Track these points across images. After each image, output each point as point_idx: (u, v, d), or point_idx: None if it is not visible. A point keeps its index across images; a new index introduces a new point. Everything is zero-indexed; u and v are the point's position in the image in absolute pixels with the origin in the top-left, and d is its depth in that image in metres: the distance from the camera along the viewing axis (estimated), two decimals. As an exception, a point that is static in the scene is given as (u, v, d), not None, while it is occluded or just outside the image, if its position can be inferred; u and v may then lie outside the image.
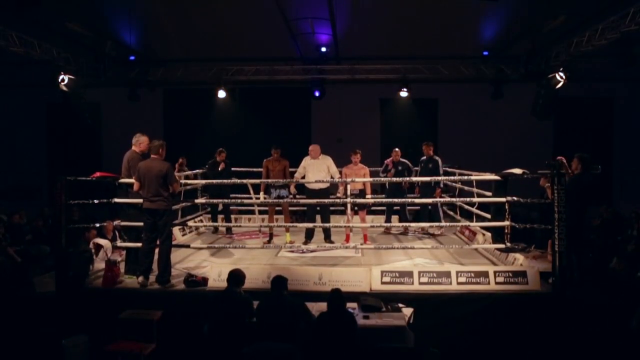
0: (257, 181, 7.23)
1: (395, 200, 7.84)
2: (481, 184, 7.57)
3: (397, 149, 8.99)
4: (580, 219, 5.82)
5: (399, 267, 6.08)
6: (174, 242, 6.50)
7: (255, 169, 9.17)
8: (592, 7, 8.10)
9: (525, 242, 6.62)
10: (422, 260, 6.84)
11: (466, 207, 8.22)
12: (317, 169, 7.72)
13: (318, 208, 7.95)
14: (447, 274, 5.67)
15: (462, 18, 9.30)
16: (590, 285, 6.09)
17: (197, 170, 9.48)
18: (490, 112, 12.66)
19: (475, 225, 7.47)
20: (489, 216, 6.93)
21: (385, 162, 9.05)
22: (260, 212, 8.83)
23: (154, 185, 5.75)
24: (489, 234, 7.18)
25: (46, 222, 9.51)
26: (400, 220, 9.13)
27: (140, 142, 6.20)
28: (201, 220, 9.48)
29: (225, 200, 7.98)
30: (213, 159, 9.04)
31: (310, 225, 7.69)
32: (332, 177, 7.79)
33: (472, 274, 5.65)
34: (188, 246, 7.18)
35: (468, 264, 6.43)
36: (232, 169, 9.13)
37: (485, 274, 5.65)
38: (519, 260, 6.18)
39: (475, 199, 7.21)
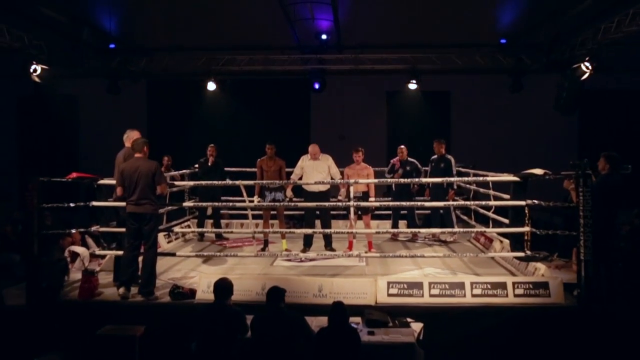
0: (251, 182, 7.24)
1: (403, 203, 7.87)
2: (498, 186, 7.58)
3: (403, 147, 9.02)
4: (608, 224, 5.77)
5: (407, 278, 6.09)
6: (158, 250, 6.54)
7: (248, 169, 9.19)
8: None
9: (547, 250, 6.63)
10: (433, 270, 6.85)
11: (482, 211, 8.23)
12: (316, 169, 7.76)
13: (317, 212, 7.97)
14: (461, 286, 5.68)
15: (478, 2, 9.32)
16: (620, 299, 6.01)
17: (185, 171, 9.50)
18: (508, 106, 12.68)
19: (491, 231, 7.48)
20: (507, 221, 6.93)
21: (392, 161, 9.07)
22: (254, 217, 8.76)
23: (141, 186, 5.79)
24: (507, 241, 7.21)
25: (16, 228, 9.49)
26: (409, 226, 9.14)
27: (131, 138, 6.21)
28: (189, 226, 9.51)
29: (215, 204, 7.99)
30: (203, 157, 9.07)
31: (309, 231, 7.72)
32: (332, 178, 7.81)
33: (489, 286, 5.67)
34: (174, 254, 7.22)
35: (484, 274, 6.45)
36: (224, 169, 9.18)
37: (502, 286, 5.66)
38: (541, 270, 6.19)
39: (492, 202, 7.22)
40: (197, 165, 9.29)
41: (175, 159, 9.91)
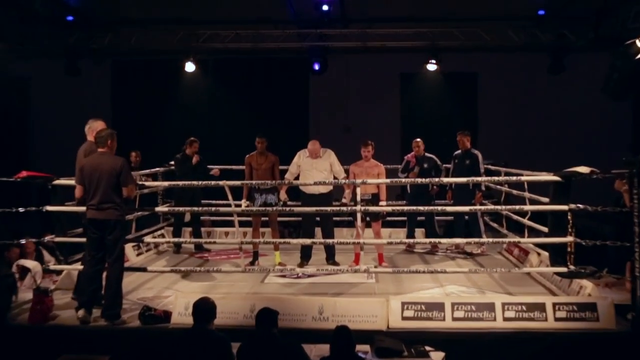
0: (237, 183, 7.20)
1: (420, 208, 7.76)
2: (535, 187, 7.55)
3: (420, 140, 8.98)
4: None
5: (425, 298, 6.06)
6: (126, 264, 6.49)
7: (234, 167, 9.16)
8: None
9: (595, 264, 6.70)
10: (457, 288, 6.83)
11: (515, 217, 8.15)
12: (316, 168, 7.78)
13: (318, 219, 7.92)
14: (490, 307, 5.66)
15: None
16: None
17: (158, 169, 9.47)
18: (547, 90, 12.70)
19: (527, 241, 7.46)
20: (545, 230, 6.83)
21: (406, 157, 9.01)
22: (241, 224, 8.57)
23: (103, 187, 5.77)
24: (545, 254, 7.13)
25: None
26: (427, 235, 9.10)
27: (94, 130, 6.18)
28: (162, 235, 9.48)
29: (195, 209, 7.96)
30: (181, 152, 9.05)
31: (307, 241, 7.69)
32: (335, 178, 7.77)
33: (524, 307, 5.64)
34: (145, 269, 7.15)
35: (518, 294, 6.41)
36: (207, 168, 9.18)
37: (541, 307, 5.63)
38: (587, 288, 6.14)
39: (528, 207, 7.19)
40: (172, 163, 9.27)
41: (146, 155, 9.89)
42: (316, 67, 11.77)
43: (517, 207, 7.30)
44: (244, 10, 10.91)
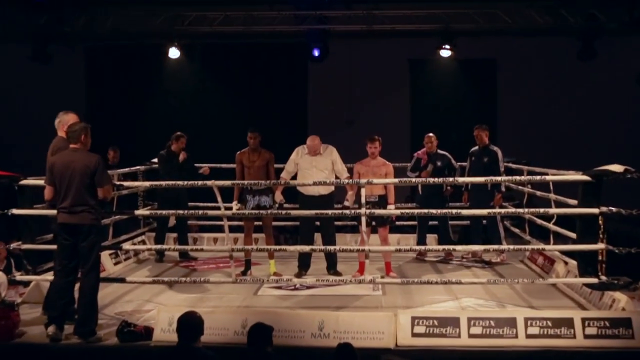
0: (227, 183, 7.17)
1: (433, 211, 7.69)
2: (562, 188, 7.56)
3: (432, 135, 8.97)
4: None
5: (438, 312, 6.09)
6: (102, 274, 6.52)
7: (224, 165, 9.19)
8: None
9: (629, 275, 6.45)
10: (474, 301, 6.84)
11: (539, 221, 8.17)
12: (316, 166, 7.79)
13: (317, 223, 7.94)
14: (512, 322, 5.64)
15: None
16: None
17: (139, 167, 9.44)
18: (576, 79, 12.67)
19: (553, 248, 7.46)
20: (574, 235, 6.85)
21: (417, 154, 9.02)
22: (232, 230, 8.78)
23: (75, 188, 5.73)
24: (573, 263, 7.08)
25: None
26: (440, 242, 9.12)
27: (65, 123, 6.15)
28: (143, 242, 9.48)
29: (180, 212, 7.94)
30: (166, 149, 9.05)
31: (305, 248, 7.68)
32: (337, 177, 7.78)
33: (549, 323, 5.62)
34: (123, 280, 7.21)
35: (542, 308, 6.42)
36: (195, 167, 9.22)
37: (568, 323, 5.61)
38: (621, 302, 6.11)
39: (553, 210, 7.18)
40: (155, 160, 9.27)
41: (125, 153, 9.91)
42: (316, 53, 11.72)
43: (542, 210, 7.23)
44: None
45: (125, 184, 7.78)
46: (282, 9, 11.23)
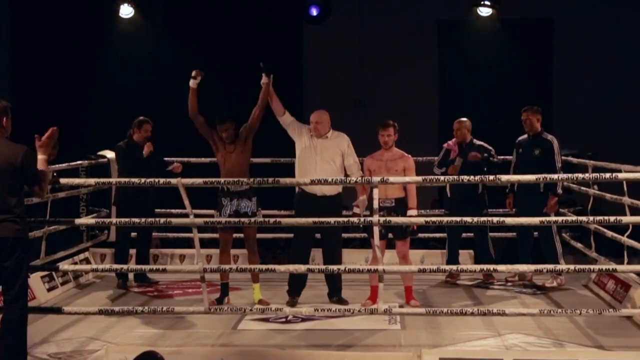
0: (198, 181, 6.43)
1: (467, 219, 7.09)
2: (638, 189, 7.21)
3: (465, 120, 8.33)
4: None
5: (475, 352, 5.75)
6: (32, 303, 6.42)
7: (192, 159, 8.77)
8: None
9: None
10: (522, 338, 6.36)
11: (609, 233, 7.70)
12: (320, 153, 7.29)
13: (318, 236, 7.42)
14: (573, 367, 5.38)
15: None
16: None
17: (80, 162, 8.84)
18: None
19: (627, 269, 7.01)
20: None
21: (445, 145, 8.42)
22: (205, 244, 8.41)
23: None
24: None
25: None
26: (477, 260, 8.57)
27: None
28: (87, 260, 8.97)
29: (136, 220, 7.14)
30: (126, 138, 8.45)
31: (300, 267, 6.85)
32: (347, 175, 7.27)
33: (623, 369, 5.47)
34: (60, 310, 6.60)
35: (613, 347, 5.95)
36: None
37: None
38: None
39: (628, 219, 6.77)
40: (103, 153, 8.86)
41: (62, 143, 9.28)
42: (313, 12, 11.51)
43: (612, 218, 6.50)
44: None
45: (64, 181, 7.14)
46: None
